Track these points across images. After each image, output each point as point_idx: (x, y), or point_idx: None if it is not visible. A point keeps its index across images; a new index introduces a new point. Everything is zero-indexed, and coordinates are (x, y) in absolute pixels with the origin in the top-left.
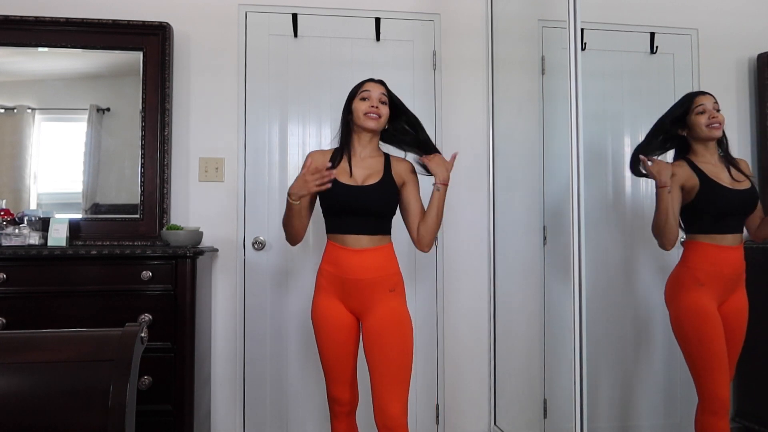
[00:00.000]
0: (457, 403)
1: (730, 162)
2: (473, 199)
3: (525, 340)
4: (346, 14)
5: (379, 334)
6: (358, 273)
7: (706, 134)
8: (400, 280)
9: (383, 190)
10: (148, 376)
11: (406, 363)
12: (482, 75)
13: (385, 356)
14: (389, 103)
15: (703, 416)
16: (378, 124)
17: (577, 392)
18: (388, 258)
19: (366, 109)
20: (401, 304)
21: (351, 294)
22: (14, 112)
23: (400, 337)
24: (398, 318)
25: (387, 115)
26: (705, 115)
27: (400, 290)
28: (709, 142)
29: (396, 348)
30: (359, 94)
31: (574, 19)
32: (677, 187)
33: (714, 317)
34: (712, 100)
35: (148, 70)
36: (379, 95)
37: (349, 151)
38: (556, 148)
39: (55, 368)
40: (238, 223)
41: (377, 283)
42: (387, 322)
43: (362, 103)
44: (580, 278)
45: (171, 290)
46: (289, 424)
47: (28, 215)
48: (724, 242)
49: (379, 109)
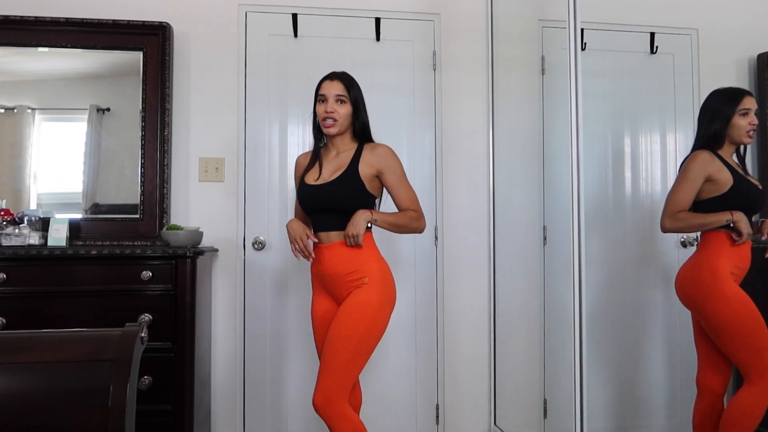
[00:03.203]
0: (457, 403)
1: (741, 161)
2: (473, 199)
3: (525, 340)
4: (346, 14)
5: (332, 322)
6: (331, 268)
7: (743, 139)
8: (375, 269)
9: (341, 185)
10: (148, 376)
11: (341, 349)
12: (482, 75)
13: (327, 343)
14: (351, 95)
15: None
16: (336, 128)
17: (577, 392)
18: (358, 250)
19: (321, 115)
20: (368, 292)
21: (330, 289)
22: (14, 112)
23: (345, 324)
24: (354, 306)
25: (347, 114)
26: (747, 119)
27: (373, 280)
28: (740, 145)
29: (337, 334)
30: (317, 96)
31: (574, 19)
32: (702, 177)
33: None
34: (755, 104)
35: (148, 70)
36: (335, 95)
37: (318, 151)
38: (556, 148)
39: (55, 368)
40: (238, 223)
41: (348, 276)
42: (342, 311)
43: (319, 106)
44: (580, 278)
45: (171, 290)
46: (289, 423)
47: (28, 215)
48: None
49: (335, 112)
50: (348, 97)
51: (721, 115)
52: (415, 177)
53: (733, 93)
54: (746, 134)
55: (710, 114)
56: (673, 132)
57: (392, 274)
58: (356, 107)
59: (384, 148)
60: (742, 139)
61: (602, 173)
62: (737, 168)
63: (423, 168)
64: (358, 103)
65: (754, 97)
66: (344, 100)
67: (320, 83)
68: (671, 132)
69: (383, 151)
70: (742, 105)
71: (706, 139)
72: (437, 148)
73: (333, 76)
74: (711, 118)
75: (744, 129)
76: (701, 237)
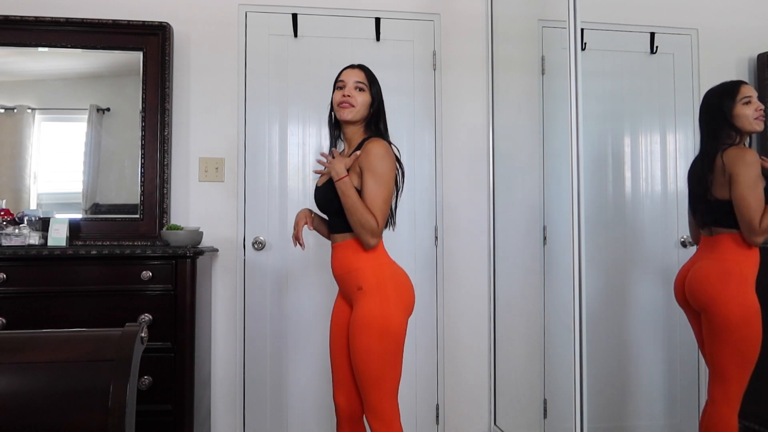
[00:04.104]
0: (457, 403)
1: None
2: (473, 199)
3: (525, 340)
4: (346, 14)
5: (349, 338)
6: (336, 268)
7: (753, 127)
8: (368, 276)
9: (326, 186)
10: (148, 376)
11: (363, 370)
12: (482, 75)
13: (353, 362)
14: (372, 89)
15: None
16: (352, 113)
17: (577, 392)
18: (350, 254)
19: (338, 100)
20: (368, 304)
21: (341, 289)
22: (14, 112)
23: (358, 344)
24: (358, 321)
25: (366, 102)
26: (751, 107)
27: (369, 288)
28: (752, 134)
29: (356, 355)
30: (336, 84)
31: (574, 19)
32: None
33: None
34: (755, 91)
35: (148, 70)
36: (355, 82)
37: (331, 152)
38: (556, 148)
39: (55, 368)
40: (238, 223)
41: (345, 279)
42: (351, 328)
43: (337, 93)
44: (580, 278)
45: (171, 290)
46: (289, 424)
47: (28, 215)
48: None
49: (353, 97)
50: (368, 87)
51: (723, 108)
52: (415, 177)
53: (729, 85)
54: (755, 121)
55: (712, 112)
56: (673, 132)
57: (402, 276)
58: (374, 101)
59: (373, 145)
60: (753, 126)
61: (602, 173)
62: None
63: (423, 168)
64: (376, 98)
65: (749, 85)
66: (363, 89)
67: (340, 72)
68: (671, 132)
69: (369, 147)
70: (742, 94)
71: (716, 137)
72: (437, 148)
73: (354, 66)
74: (714, 116)
75: (751, 116)
76: (712, 237)
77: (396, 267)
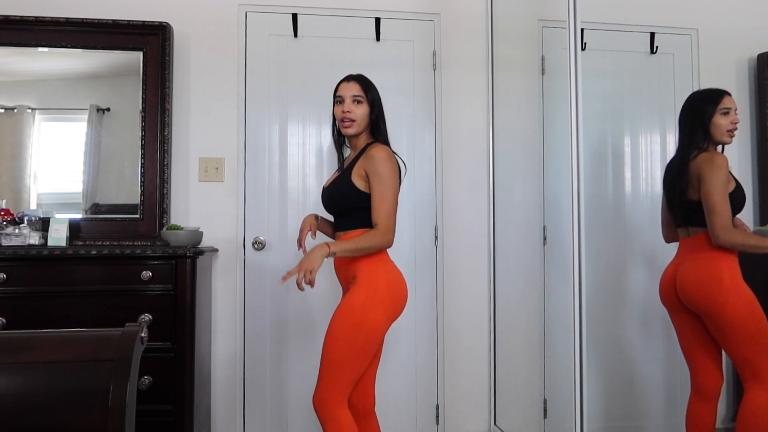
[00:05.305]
0: (457, 403)
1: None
2: (473, 199)
3: (525, 340)
4: (346, 14)
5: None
6: (337, 268)
7: (724, 139)
8: (364, 269)
9: (334, 189)
10: (148, 376)
11: (330, 350)
12: (482, 75)
13: (323, 344)
14: (369, 97)
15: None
16: (354, 128)
17: (577, 392)
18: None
19: (339, 116)
20: (355, 294)
21: (343, 289)
22: (14, 112)
23: (333, 324)
24: (341, 307)
25: (364, 114)
26: (728, 119)
27: (361, 279)
28: (721, 145)
29: (327, 335)
30: (335, 98)
31: (574, 19)
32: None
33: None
34: (735, 104)
35: (148, 70)
36: (352, 96)
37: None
38: (556, 148)
39: (55, 368)
40: (238, 223)
41: (343, 270)
42: (335, 311)
43: (337, 108)
44: (580, 278)
45: (171, 290)
46: (289, 424)
47: (28, 215)
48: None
49: (353, 112)
50: (365, 98)
51: (703, 114)
52: (415, 177)
53: (713, 93)
54: (727, 133)
55: (692, 115)
56: (673, 132)
57: (397, 276)
58: (373, 108)
59: (376, 151)
60: (723, 138)
61: (602, 173)
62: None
63: (423, 168)
64: (375, 104)
65: (732, 97)
66: (361, 101)
67: (337, 85)
68: (671, 132)
69: (373, 153)
70: (723, 104)
71: (691, 140)
72: (437, 148)
73: (350, 78)
74: (693, 120)
75: (725, 128)
76: (690, 238)
77: (393, 267)
